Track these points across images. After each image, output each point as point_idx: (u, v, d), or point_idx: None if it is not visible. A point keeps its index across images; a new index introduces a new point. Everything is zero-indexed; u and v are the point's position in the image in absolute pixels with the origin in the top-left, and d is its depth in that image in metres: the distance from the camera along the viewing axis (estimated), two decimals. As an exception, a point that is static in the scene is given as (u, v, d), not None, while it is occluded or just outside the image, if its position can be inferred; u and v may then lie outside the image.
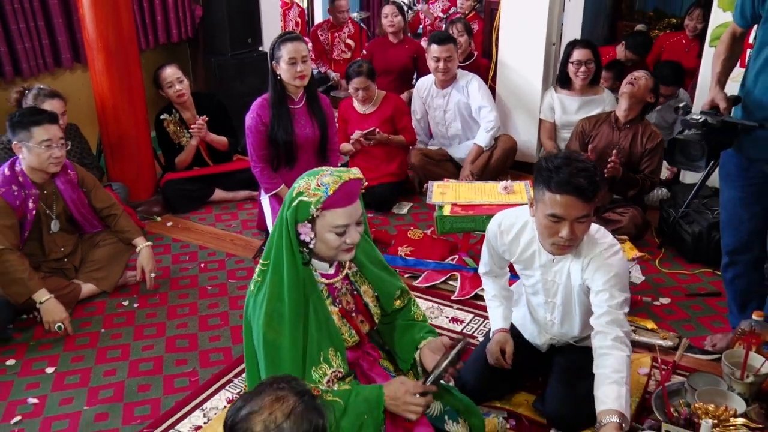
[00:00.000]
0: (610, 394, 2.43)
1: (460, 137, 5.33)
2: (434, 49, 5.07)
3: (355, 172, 2.35)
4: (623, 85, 4.39)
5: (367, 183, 2.42)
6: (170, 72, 4.92)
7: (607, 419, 2.36)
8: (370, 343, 2.60)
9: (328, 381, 2.29)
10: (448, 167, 5.15)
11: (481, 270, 3.13)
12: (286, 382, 1.73)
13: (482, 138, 5.14)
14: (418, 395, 2.26)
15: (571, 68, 4.96)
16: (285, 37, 4.10)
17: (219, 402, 3.15)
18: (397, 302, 2.61)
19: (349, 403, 2.22)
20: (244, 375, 2.54)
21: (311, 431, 1.64)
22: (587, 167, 2.53)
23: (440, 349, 2.47)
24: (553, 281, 2.83)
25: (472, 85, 5.16)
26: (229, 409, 1.72)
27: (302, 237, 2.27)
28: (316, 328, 2.31)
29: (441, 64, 5.05)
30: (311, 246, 2.29)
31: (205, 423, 3.01)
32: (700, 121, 3.07)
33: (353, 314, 2.47)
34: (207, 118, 4.96)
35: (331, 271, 2.44)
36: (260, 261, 2.37)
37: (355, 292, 2.50)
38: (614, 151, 4.19)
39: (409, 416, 2.27)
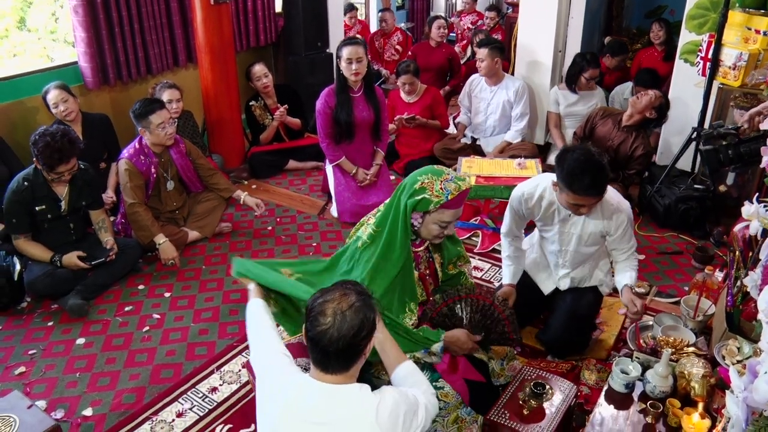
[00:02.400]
0: (622, 279, 2.83)
1: (494, 130, 5.20)
2: (478, 52, 5.10)
3: (470, 182, 2.38)
4: (632, 97, 4.30)
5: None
6: (258, 69, 4.97)
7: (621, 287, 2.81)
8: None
9: (412, 324, 2.39)
10: (466, 154, 5.05)
11: (503, 231, 3.07)
12: (351, 284, 1.84)
13: (512, 136, 5.07)
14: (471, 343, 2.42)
15: (582, 80, 4.91)
16: (346, 42, 4.14)
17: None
18: (450, 267, 2.64)
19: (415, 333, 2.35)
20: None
21: (365, 320, 1.74)
22: (602, 168, 2.53)
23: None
24: (568, 232, 2.85)
25: (521, 92, 5.05)
26: (310, 298, 1.82)
27: (412, 221, 2.31)
28: (406, 286, 2.39)
29: (478, 63, 5.04)
30: (416, 228, 2.33)
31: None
32: (706, 134, 3.06)
33: (427, 277, 2.52)
34: (287, 107, 5.03)
35: (419, 241, 2.47)
36: (373, 226, 2.38)
37: (431, 259, 2.54)
38: None
39: (460, 352, 2.42)
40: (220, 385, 2.90)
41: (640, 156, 4.23)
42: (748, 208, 2.41)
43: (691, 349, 2.58)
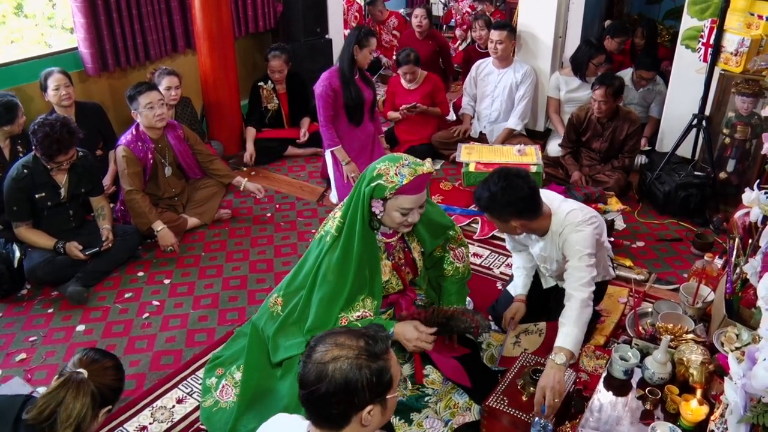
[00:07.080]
0: (559, 336, 2.41)
1: (499, 115, 5.15)
2: (491, 34, 5.03)
3: (428, 167, 2.29)
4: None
5: (434, 172, 2.37)
6: (276, 64, 4.96)
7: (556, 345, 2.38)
8: (410, 287, 2.63)
9: (357, 316, 2.36)
10: (466, 140, 5.05)
11: (508, 246, 3.09)
12: (345, 335, 1.53)
13: (514, 123, 5.03)
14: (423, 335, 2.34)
15: (591, 67, 4.87)
16: (371, 32, 4.21)
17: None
18: (438, 249, 2.64)
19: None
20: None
21: (355, 384, 1.46)
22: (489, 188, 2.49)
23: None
24: (540, 255, 2.80)
25: (528, 74, 5.02)
26: (302, 352, 1.58)
27: (374, 209, 2.28)
28: (362, 279, 2.36)
29: (492, 46, 4.98)
30: (379, 217, 2.30)
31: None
32: None
33: (402, 267, 2.50)
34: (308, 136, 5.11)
35: (390, 231, 2.45)
36: (339, 219, 2.37)
37: (406, 249, 2.53)
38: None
39: (409, 345, 2.35)
40: (220, 371, 2.90)
41: (635, 130, 4.28)
42: (749, 195, 2.41)
43: (690, 336, 2.58)
